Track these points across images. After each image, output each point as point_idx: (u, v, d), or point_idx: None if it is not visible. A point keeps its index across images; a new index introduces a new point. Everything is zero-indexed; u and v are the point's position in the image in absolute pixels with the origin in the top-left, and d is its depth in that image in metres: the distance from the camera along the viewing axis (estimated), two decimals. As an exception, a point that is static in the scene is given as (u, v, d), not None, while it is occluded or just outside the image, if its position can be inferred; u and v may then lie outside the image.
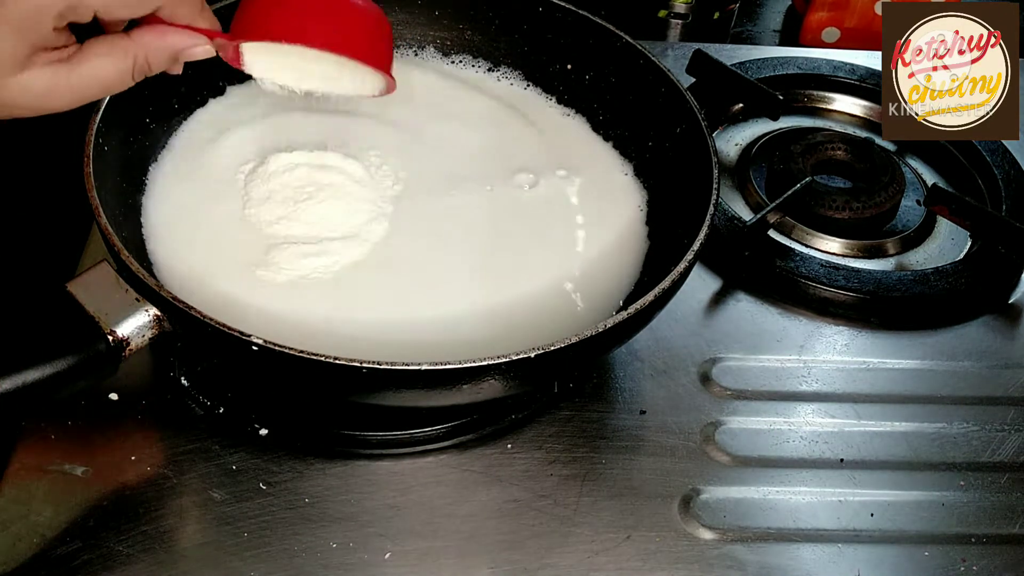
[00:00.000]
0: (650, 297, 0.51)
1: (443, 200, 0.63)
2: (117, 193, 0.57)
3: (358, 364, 0.46)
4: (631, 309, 0.50)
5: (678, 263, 0.53)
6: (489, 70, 0.72)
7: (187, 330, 0.49)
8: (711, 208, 0.56)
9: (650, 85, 0.65)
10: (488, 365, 0.47)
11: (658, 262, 0.61)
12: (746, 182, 0.76)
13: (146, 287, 0.48)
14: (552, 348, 0.47)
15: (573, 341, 0.48)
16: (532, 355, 0.47)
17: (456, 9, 0.72)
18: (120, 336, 0.48)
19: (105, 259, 0.51)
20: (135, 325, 0.49)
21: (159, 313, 0.49)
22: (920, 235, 0.74)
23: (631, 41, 0.67)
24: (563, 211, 0.64)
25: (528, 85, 0.72)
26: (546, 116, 0.70)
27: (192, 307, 0.47)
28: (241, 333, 0.46)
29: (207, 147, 0.63)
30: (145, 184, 0.61)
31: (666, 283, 0.52)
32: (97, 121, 0.55)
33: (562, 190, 0.65)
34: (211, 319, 0.47)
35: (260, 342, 0.46)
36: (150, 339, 0.49)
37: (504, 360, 0.47)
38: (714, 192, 0.57)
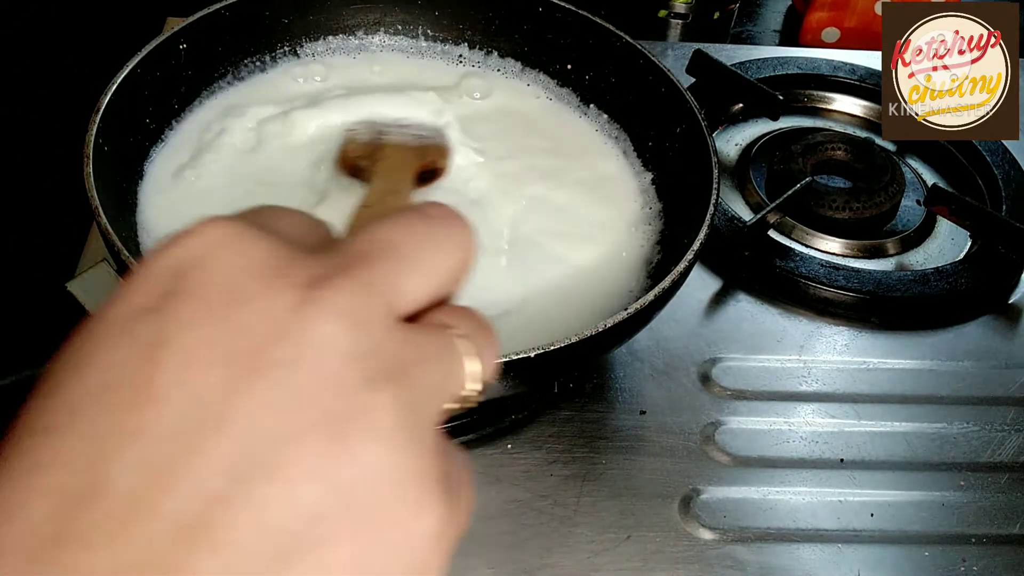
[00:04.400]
0: (650, 297, 0.51)
1: (435, 198, 0.63)
2: (116, 192, 0.57)
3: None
4: (631, 309, 0.50)
5: (678, 263, 0.53)
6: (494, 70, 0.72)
7: None
8: (711, 208, 0.56)
9: (650, 85, 0.65)
10: None
11: (658, 262, 0.61)
12: (746, 182, 0.76)
13: None
14: (552, 348, 0.47)
15: (573, 341, 0.48)
16: (532, 355, 0.47)
17: (456, 9, 0.72)
18: None
19: (105, 259, 0.51)
20: None
21: None
22: (920, 235, 0.74)
23: (631, 41, 0.67)
24: (562, 211, 0.64)
25: (528, 85, 0.72)
26: (546, 116, 0.70)
27: None
28: None
29: (206, 147, 0.63)
30: (144, 183, 0.61)
31: (666, 283, 0.52)
32: (97, 121, 0.55)
33: (562, 191, 0.65)
34: None
35: None
36: None
37: (503, 360, 0.47)
38: (714, 192, 0.57)
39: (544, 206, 0.64)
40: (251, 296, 0.21)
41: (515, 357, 0.47)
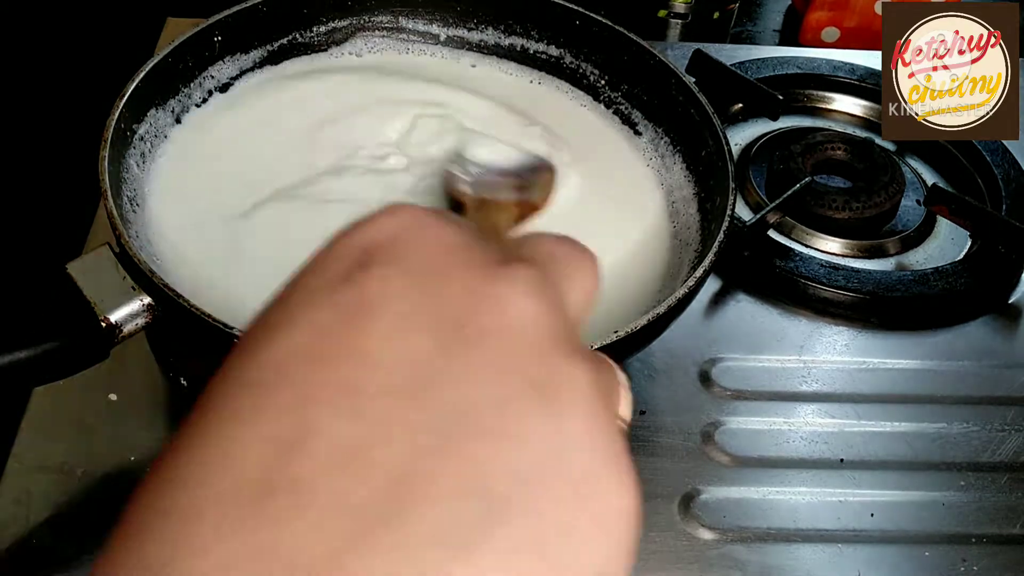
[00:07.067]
0: (662, 308, 0.50)
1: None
2: (129, 179, 0.57)
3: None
4: (634, 326, 0.49)
5: (696, 270, 0.52)
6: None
7: (172, 317, 0.49)
8: (726, 221, 0.55)
9: (675, 102, 0.65)
10: None
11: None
12: (746, 182, 0.76)
13: (140, 272, 0.48)
14: None
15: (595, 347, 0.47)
16: None
17: (458, 9, 0.72)
18: (112, 321, 0.48)
19: (107, 243, 0.51)
20: (128, 311, 0.48)
21: (152, 301, 0.49)
22: (920, 235, 0.74)
23: (664, 59, 0.66)
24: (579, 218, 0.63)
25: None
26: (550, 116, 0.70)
27: (180, 295, 0.47)
28: (224, 325, 0.46)
29: (216, 142, 0.63)
30: (154, 171, 0.61)
31: (680, 292, 0.51)
32: (121, 106, 0.55)
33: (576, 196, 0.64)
34: (196, 308, 0.46)
35: (239, 333, 0.45)
36: (143, 326, 0.49)
37: None
38: (729, 206, 0.56)
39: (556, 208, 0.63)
40: (449, 270, 0.22)
41: None
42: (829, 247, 0.72)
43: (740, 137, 0.80)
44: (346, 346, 0.20)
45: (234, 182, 0.61)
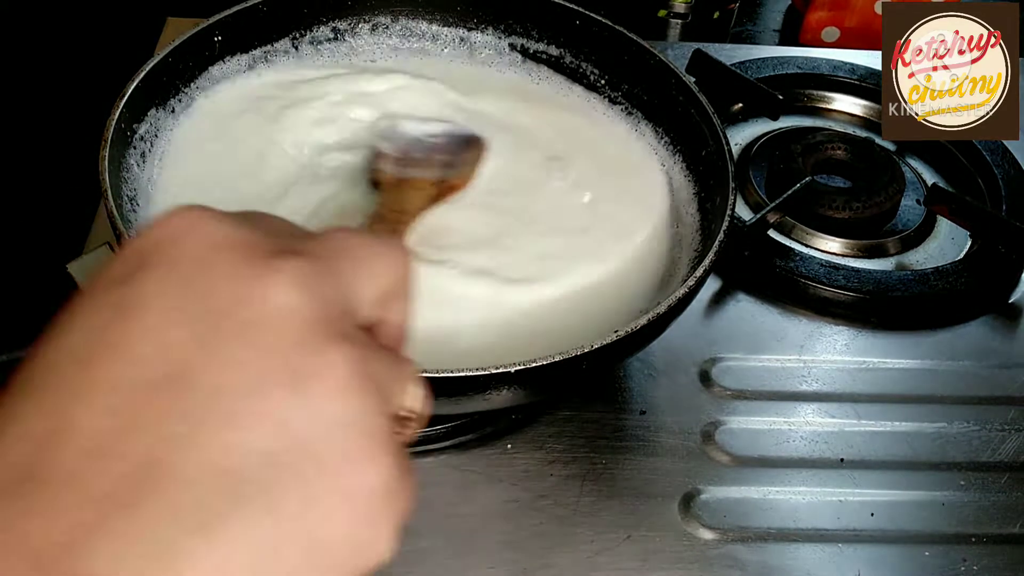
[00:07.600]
0: (662, 308, 0.50)
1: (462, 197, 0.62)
2: (129, 179, 0.57)
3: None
4: (637, 322, 0.49)
5: (696, 270, 0.52)
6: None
7: None
8: (726, 221, 0.55)
9: (674, 100, 0.65)
10: (493, 375, 0.46)
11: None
12: (746, 182, 0.76)
13: None
14: (566, 356, 0.46)
15: (585, 350, 0.47)
16: (545, 362, 0.46)
17: (458, 8, 0.72)
18: None
19: (108, 242, 0.51)
20: None
21: None
22: (920, 235, 0.74)
23: (664, 60, 0.66)
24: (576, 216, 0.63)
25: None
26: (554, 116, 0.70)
27: None
28: None
29: (217, 139, 0.63)
30: (156, 168, 0.61)
31: (680, 292, 0.51)
32: (121, 106, 0.55)
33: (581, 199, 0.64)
34: None
35: None
36: None
37: (525, 366, 0.46)
38: (729, 206, 0.56)
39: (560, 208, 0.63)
40: (216, 265, 0.23)
41: (534, 364, 0.46)
42: (829, 247, 0.72)
43: (740, 137, 0.80)
44: (111, 344, 0.22)
45: (235, 181, 0.61)
